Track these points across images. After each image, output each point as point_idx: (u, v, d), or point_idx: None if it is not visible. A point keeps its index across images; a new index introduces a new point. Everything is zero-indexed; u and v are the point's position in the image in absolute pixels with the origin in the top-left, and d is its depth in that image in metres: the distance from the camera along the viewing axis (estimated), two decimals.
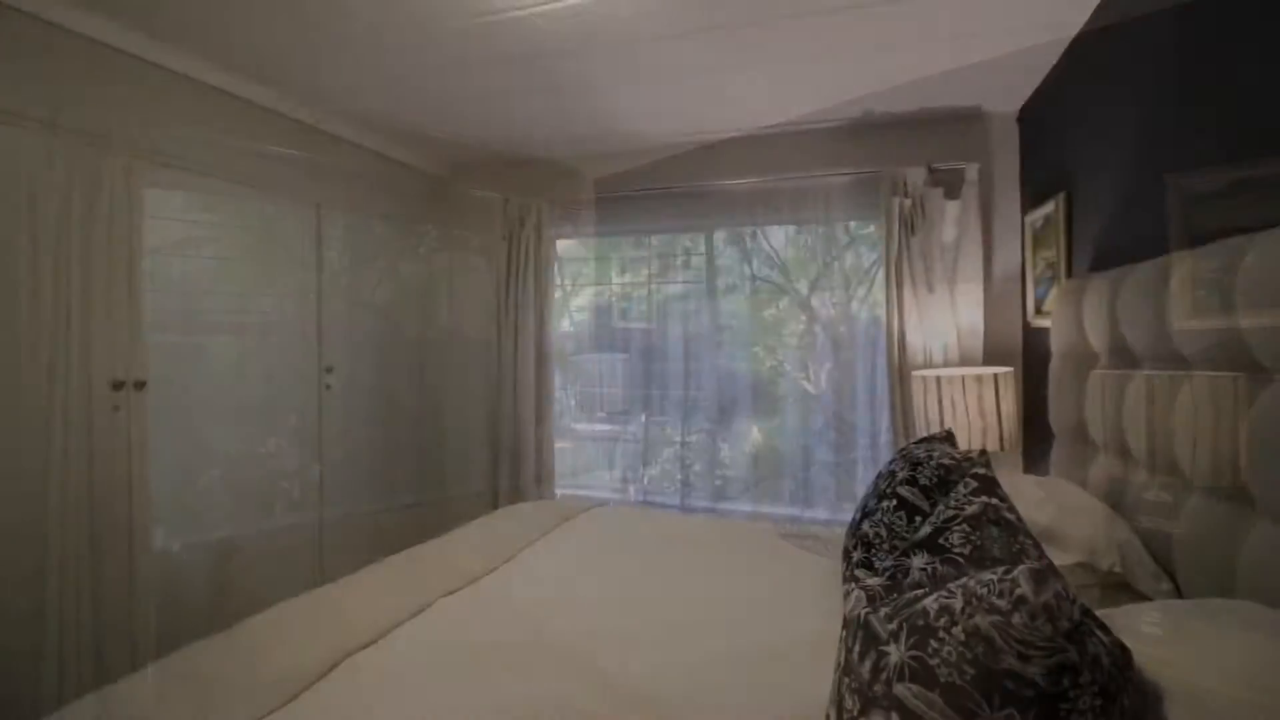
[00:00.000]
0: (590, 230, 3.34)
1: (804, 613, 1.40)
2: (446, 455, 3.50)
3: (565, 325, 3.49)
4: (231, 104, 2.36)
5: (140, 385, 1.98)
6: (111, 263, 1.91)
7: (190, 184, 2.20)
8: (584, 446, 3.44)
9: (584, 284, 3.54)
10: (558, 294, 3.43)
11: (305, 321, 2.67)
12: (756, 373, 3.07)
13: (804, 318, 3.03)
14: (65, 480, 1.79)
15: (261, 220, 2.48)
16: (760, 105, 2.65)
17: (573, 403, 3.50)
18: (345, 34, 2.06)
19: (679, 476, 3.18)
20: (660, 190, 3.11)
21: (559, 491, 3.34)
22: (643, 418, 3.22)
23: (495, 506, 3.25)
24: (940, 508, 1.16)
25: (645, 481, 3.23)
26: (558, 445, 3.33)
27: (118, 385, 1.92)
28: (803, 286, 3.03)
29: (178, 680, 1.14)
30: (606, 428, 3.35)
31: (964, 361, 2.59)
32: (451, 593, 1.51)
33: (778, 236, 3.12)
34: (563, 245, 3.49)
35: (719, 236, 3.14)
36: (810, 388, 3.01)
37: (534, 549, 1.90)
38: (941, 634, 0.70)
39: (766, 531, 2.10)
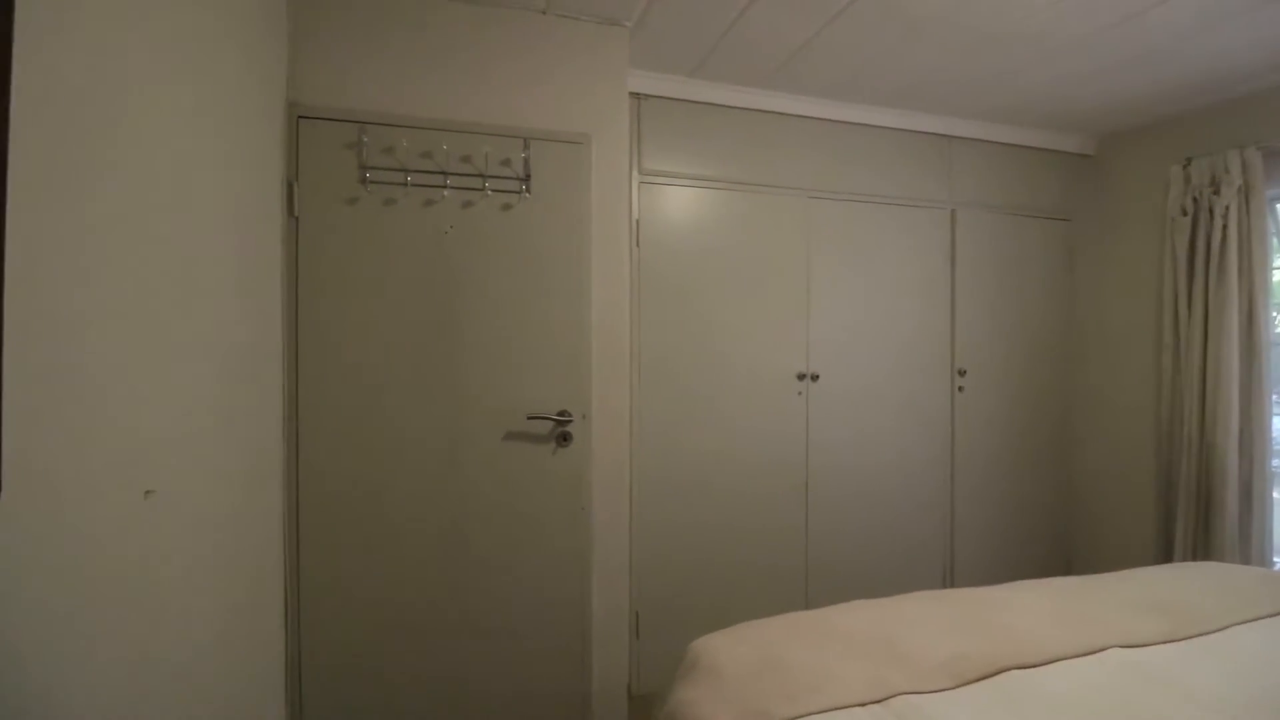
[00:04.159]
0: None
1: None
2: (1091, 482, 2.98)
3: None
4: (881, 135, 2.66)
5: (815, 377, 2.59)
6: (795, 287, 2.55)
7: (838, 212, 2.60)
8: None
9: None
10: (1277, 276, 2.42)
11: (939, 324, 2.76)
12: None
13: None
14: (759, 443, 2.50)
15: (900, 232, 2.70)
16: None
17: None
18: (973, 41, 2.02)
19: None
20: None
21: (1278, 560, 2.34)
22: None
23: (1164, 557, 2.56)
24: None
25: None
26: (1276, 495, 2.34)
27: (801, 376, 2.56)
28: None
29: (858, 635, 1.34)
30: None
31: None
32: (1129, 646, 1.25)
33: None
34: None
35: None
36: None
37: (1249, 629, 1.39)
38: None
39: None
